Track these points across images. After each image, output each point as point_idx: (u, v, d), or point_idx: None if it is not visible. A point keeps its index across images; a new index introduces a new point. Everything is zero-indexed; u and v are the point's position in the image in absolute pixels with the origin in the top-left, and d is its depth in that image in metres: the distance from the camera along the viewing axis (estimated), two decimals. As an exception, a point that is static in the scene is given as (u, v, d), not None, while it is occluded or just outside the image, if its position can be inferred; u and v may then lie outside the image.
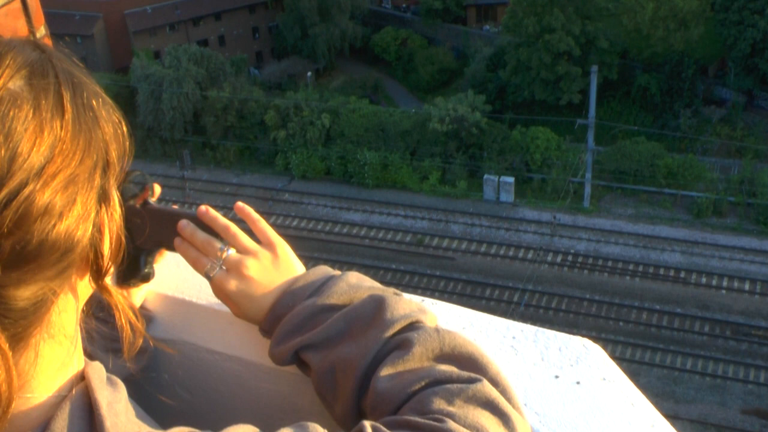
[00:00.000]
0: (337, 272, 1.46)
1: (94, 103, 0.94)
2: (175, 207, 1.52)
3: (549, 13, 44.68)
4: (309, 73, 53.16)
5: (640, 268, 36.25)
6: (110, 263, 0.97)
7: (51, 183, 0.84)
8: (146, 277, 1.50)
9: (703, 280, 35.28)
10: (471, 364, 1.24)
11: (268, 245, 1.45)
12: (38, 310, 0.87)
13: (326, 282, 1.41)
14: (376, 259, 38.26)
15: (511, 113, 45.62)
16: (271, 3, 56.65)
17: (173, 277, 1.69)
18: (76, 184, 0.87)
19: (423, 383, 1.20)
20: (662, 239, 37.70)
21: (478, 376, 1.20)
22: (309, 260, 37.21)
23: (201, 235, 1.45)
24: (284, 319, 1.38)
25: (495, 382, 1.21)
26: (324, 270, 1.46)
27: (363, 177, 43.27)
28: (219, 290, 1.44)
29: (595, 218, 39.56)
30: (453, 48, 52.18)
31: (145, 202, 1.46)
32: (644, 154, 40.62)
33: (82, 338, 1.10)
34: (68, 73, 0.93)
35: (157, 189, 1.49)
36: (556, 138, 42.30)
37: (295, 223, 41.32)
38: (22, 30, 2.35)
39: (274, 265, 1.44)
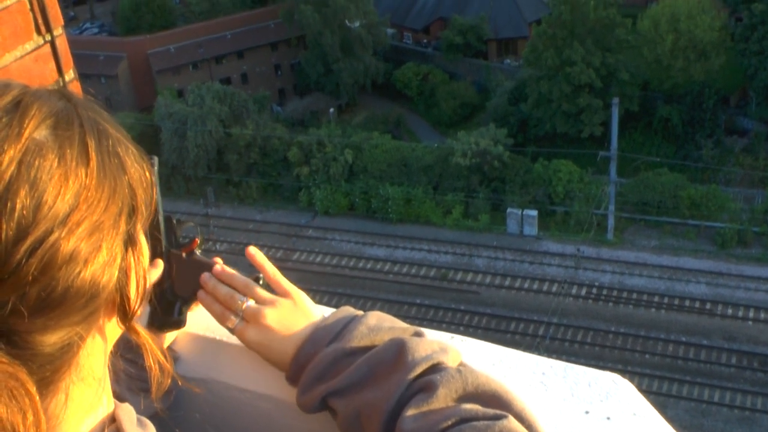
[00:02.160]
0: (359, 312, 1.48)
1: (120, 150, 0.96)
2: (217, 259, 1.57)
3: (569, 46, 44.80)
4: (331, 110, 53.49)
5: (665, 300, 35.96)
6: (137, 305, 0.98)
7: (76, 230, 0.85)
8: (179, 324, 1.54)
9: (729, 311, 34.92)
10: (495, 402, 1.25)
11: (284, 294, 1.51)
12: (65, 354, 0.88)
13: (346, 326, 1.44)
14: (401, 294, 38.19)
15: (533, 146, 45.60)
16: (294, 40, 57.18)
17: (202, 316, 1.70)
18: (101, 230, 0.89)
19: (449, 422, 1.21)
20: (687, 270, 37.41)
21: (503, 413, 1.21)
22: (333, 296, 37.21)
23: (223, 289, 1.52)
24: (308, 368, 1.41)
25: (521, 418, 1.21)
26: (344, 312, 1.49)
27: (386, 212, 43.32)
28: (243, 341, 1.52)
29: (619, 250, 39.34)
30: (474, 82, 52.36)
31: (191, 253, 1.50)
32: (667, 185, 40.44)
33: (110, 379, 1.12)
34: (93, 121, 0.95)
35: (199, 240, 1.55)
36: (578, 170, 42.23)
37: (318, 259, 41.37)
38: (51, 74, 2.41)
39: (292, 312, 1.49)
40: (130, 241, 0.95)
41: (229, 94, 49.17)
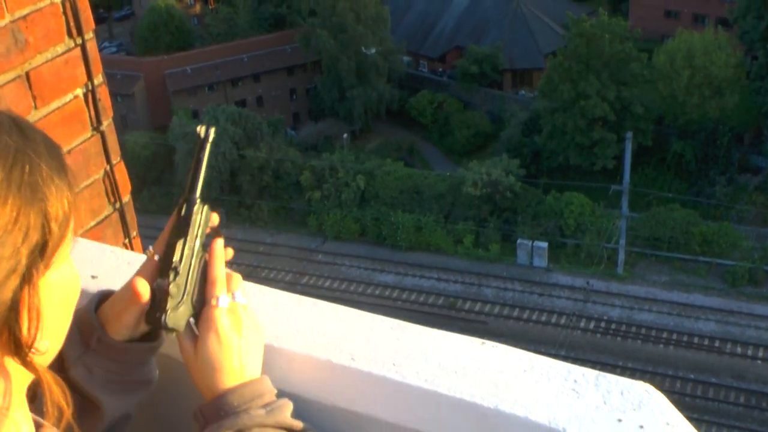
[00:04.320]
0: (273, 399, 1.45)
1: (39, 181, 0.92)
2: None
3: (584, 79, 44.92)
4: (345, 135, 53.67)
5: (674, 336, 35.75)
6: (32, 342, 0.93)
7: None
8: (171, 331, 1.49)
9: (739, 349, 34.69)
10: None
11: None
12: None
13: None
14: (409, 321, 37.91)
15: (546, 178, 45.62)
16: (310, 65, 57.50)
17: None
18: None
19: None
20: (697, 307, 37.22)
21: None
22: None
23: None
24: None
25: None
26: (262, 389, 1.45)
27: (397, 239, 43.32)
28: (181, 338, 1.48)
29: (628, 285, 39.20)
30: (489, 112, 52.51)
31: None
32: (679, 221, 40.35)
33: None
34: (13, 149, 0.91)
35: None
36: (590, 203, 42.19)
37: (327, 283, 41.33)
38: (81, 77, 2.45)
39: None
40: (27, 277, 0.91)
41: (244, 116, 49.41)
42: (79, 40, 2.42)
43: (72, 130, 2.45)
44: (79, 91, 2.46)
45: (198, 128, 1.56)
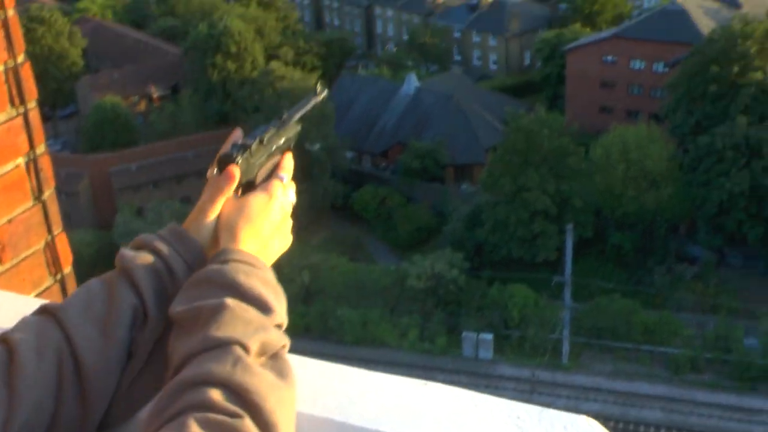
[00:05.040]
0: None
1: None
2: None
3: (524, 173, 45.79)
4: (289, 230, 53.61)
5: (621, 426, 35.75)
6: None
7: None
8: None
9: (685, 438, 34.80)
10: (242, 400, 1.21)
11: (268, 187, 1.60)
12: None
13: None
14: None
15: (489, 270, 45.95)
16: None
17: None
18: None
19: (175, 409, 1.18)
20: (641, 396, 37.36)
21: (241, 413, 1.18)
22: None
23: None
24: (206, 306, 1.35)
25: (262, 424, 1.19)
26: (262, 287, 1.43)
27: (342, 333, 43.01)
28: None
29: (574, 375, 39.28)
30: (431, 206, 53.04)
31: None
32: (620, 311, 40.80)
33: None
34: None
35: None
36: (533, 295, 42.51)
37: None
38: (23, 146, 2.43)
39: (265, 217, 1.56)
40: None
41: (188, 212, 49.09)
42: (21, 109, 2.41)
43: (13, 199, 2.42)
44: (21, 160, 2.44)
45: (319, 87, 1.76)
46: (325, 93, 1.78)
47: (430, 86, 61.91)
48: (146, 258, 1.50)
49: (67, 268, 2.63)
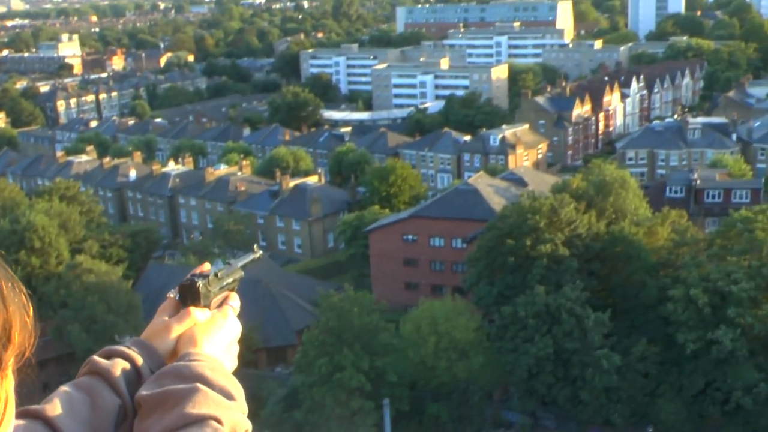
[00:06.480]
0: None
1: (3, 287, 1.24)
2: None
3: (339, 351, 46.16)
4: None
5: None
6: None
7: None
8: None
9: None
10: None
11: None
12: None
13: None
14: None
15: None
16: (65, 357, 55.05)
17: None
18: None
19: None
20: None
21: None
22: None
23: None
24: (170, 395, 1.68)
25: None
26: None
27: None
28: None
29: None
30: (247, 391, 51.92)
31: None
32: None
33: None
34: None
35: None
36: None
37: None
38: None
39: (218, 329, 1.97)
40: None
41: None
42: None
43: None
44: None
45: (256, 247, 2.32)
46: (260, 253, 2.32)
47: (238, 272, 61.90)
48: (122, 365, 1.80)
49: None
